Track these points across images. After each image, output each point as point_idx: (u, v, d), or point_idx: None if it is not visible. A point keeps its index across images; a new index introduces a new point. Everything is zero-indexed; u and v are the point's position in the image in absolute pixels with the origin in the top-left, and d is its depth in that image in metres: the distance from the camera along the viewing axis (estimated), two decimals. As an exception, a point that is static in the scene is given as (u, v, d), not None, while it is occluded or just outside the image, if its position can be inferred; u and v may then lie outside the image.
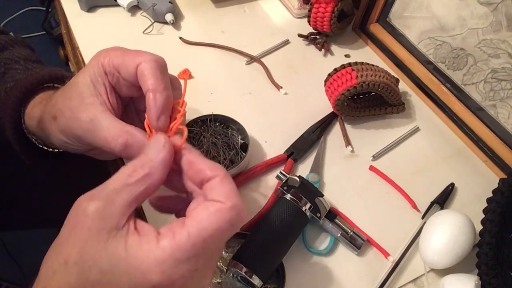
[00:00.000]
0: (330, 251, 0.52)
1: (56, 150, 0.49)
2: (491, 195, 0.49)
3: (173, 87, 0.40)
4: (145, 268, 0.30)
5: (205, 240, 0.30)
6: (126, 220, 0.31)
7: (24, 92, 0.45)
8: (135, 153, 0.37)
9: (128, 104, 0.45)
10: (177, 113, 0.39)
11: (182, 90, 0.41)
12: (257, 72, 0.69)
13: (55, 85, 0.48)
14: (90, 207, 0.31)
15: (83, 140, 0.40)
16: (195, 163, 0.34)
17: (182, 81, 0.43)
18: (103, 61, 0.39)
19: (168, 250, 0.30)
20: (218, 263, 0.48)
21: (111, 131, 0.38)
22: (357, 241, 0.51)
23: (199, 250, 0.30)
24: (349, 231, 0.51)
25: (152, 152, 0.34)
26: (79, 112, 0.39)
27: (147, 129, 0.38)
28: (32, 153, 0.49)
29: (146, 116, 0.38)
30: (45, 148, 0.48)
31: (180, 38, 0.72)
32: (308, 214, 0.50)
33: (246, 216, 0.33)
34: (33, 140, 0.47)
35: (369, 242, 0.53)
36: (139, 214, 0.52)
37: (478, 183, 0.60)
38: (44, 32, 1.76)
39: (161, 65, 0.39)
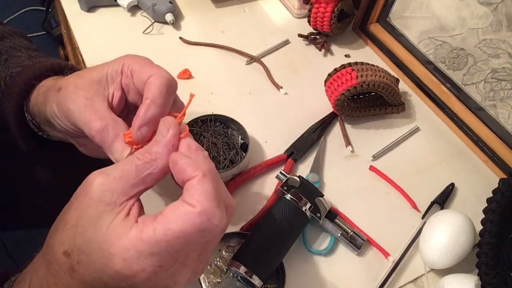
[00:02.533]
0: (330, 251, 0.52)
1: (52, 139, 0.50)
2: (491, 195, 0.49)
3: (176, 109, 0.41)
4: (112, 251, 0.31)
5: (169, 241, 0.30)
6: (126, 199, 0.33)
7: (33, 77, 0.46)
8: (107, 140, 0.38)
9: (132, 113, 0.45)
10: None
11: (186, 103, 0.41)
12: (257, 72, 0.69)
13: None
14: (98, 179, 0.33)
15: (70, 116, 0.41)
16: (178, 163, 0.34)
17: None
18: (125, 61, 0.41)
19: (133, 241, 0.31)
20: (218, 263, 0.48)
21: (98, 113, 0.39)
22: (357, 241, 0.51)
23: (163, 248, 0.31)
24: (349, 231, 0.51)
25: (158, 136, 0.35)
26: (81, 89, 0.41)
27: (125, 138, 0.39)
28: (30, 139, 0.49)
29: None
30: (43, 135, 0.49)
31: (180, 38, 0.72)
32: (308, 214, 0.50)
33: (221, 222, 0.32)
34: (33, 127, 0.48)
35: (369, 242, 0.53)
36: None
37: (478, 183, 0.60)
38: (44, 32, 1.76)
39: (170, 84, 0.39)
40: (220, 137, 0.57)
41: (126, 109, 0.44)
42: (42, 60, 0.49)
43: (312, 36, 0.74)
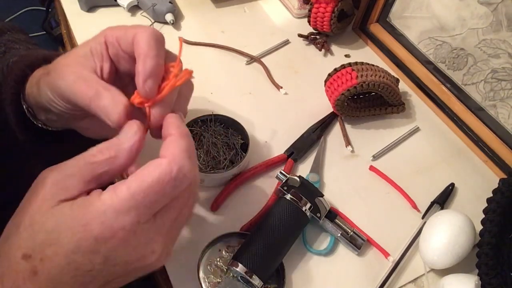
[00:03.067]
0: (330, 251, 0.52)
1: (50, 129, 0.50)
2: (491, 195, 0.49)
3: (170, 60, 0.41)
4: (85, 221, 0.31)
5: (144, 191, 0.31)
6: (79, 193, 0.32)
7: (28, 66, 0.46)
8: (100, 104, 0.37)
9: (128, 86, 0.45)
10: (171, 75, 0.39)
11: (178, 51, 0.41)
12: (257, 72, 0.69)
13: None
14: (49, 178, 0.33)
15: (63, 94, 0.40)
16: (168, 120, 0.36)
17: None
18: (106, 32, 0.41)
19: (108, 202, 0.31)
20: (218, 263, 0.48)
21: (89, 82, 0.39)
22: (357, 241, 0.51)
23: (139, 200, 0.31)
24: (349, 231, 0.51)
25: (123, 137, 0.35)
26: (69, 68, 0.40)
27: (135, 101, 0.38)
28: (27, 129, 0.49)
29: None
30: (38, 124, 0.49)
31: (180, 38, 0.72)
32: (308, 214, 0.50)
33: (191, 173, 0.33)
34: (28, 115, 0.48)
35: (369, 242, 0.53)
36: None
37: (478, 183, 0.60)
38: (44, 32, 1.76)
39: (156, 36, 0.39)
40: (220, 137, 0.57)
41: (119, 82, 0.43)
42: (37, 50, 0.49)
43: (312, 36, 0.74)
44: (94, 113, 0.39)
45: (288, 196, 0.50)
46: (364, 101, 0.64)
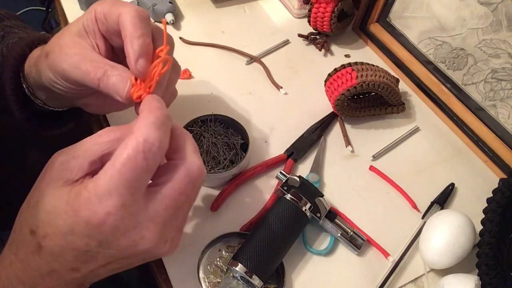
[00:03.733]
0: (330, 251, 0.52)
1: (51, 109, 0.51)
2: (491, 195, 0.49)
3: (157, 37, 0.42)
4: (76, 207, 0.32)
5: (118, 171, 0.32)
6: (83, 175, 0.34)
7: (26, 46, 0.47)
8: (110, 82, 0.39)
9: (123, 62, 0.46)
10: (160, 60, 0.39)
11: (164, 36, 0.41)
12: (257, 72, 0.69)
13: None
14: (58, 159, 0.34)
15: (67, 76, 0.41)
16: (143, 102, 0.37)
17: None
18: (96, 8, 0.41)
19: (91, 189, 0.32)
20: (218, 263, 0.48)
21: (94, 63, 0.40)
22: (357, 241, 0.51)
23: (117, 182, 0.32)
24: (349, 231, 0.51)
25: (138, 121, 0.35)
26: (67, 48, 0.41)
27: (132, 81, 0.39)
28: (26, 108, 0.50)
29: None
30: (39, 104, 0.50)
31: (180, 38, 0.72)
32: (308, 214, 0.50)
33: (160, 142, 0.33)
34: (26, 89, 0.49)
35: (369, 242, 0.53)
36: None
37: (478, 183, 0.60)
38: (44, 32, 1.76)
39: (140, 15, 0.40)
40: (220, 137, 0.57)
41: (116, 57, 0.44)
42: (35, 33, 0.50)
43: (312, 36, 0.74)
44: (103, 91, 0.40)
45: (288, 196, 0.50)
46: (364, 101, 0.64)
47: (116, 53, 0.45)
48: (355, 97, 0.64)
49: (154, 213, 0.34)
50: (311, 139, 0.61)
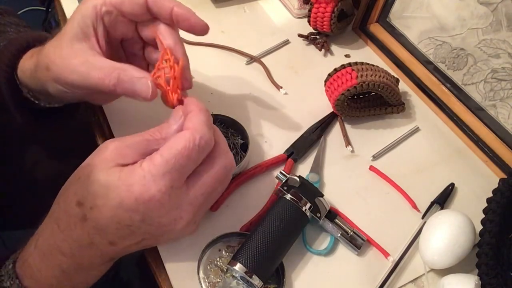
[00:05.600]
0: (330, 251, 0.52)
1: (48, 106, 0.52)
2: (491, 195, 0.49)
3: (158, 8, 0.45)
4: (129, 182, 0.36)
5: (175, 157, 0.36)
6: (132, 163, 0.38)
7: (19, 49, 0.48)
8: (128, 88, 0.42)
9: (118, 49, 0.47)
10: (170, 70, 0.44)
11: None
12: (257, 72, 0.69)
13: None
14: (112, 144, 0.38)
15: (78, 85, 0.43)
16: (188, 102, 0.41)
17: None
18: (96, 3, 0.42)
19: (146, 168, 0.36)
20: (218, 263, 0.48)
21: (104, 70, 0.42)
22: (357, 241, 0.51)
23: (172, 166, 0.36)
24: (349, 231, 0.51)
25: (172, 121, 0.40)
26: (70, 59, 0.42)
27: (162, 83, 0.43)
28: (25, 110, 0.51)
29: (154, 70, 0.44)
30: (37, 102, 0.51)
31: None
32: (308, 214, 0.50)
33: (211, 141, 0.39)
34: (26, 94, 0.49)
35: (369, 242, 0.53)
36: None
37: (478, 183, 0.60)
38: (40, 32, 1.76)
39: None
40: (220, 137, 0.57)
41: (111, 49, 0.47)
42: (27, 33, 0.51)
43: (312, 36, 0.74)
44: (120, 94, 0.44)
45: (288, 196, 0.50)
46: (364, 101, 0.64)
47: (110, 43, 0.46)
48: (355, 97, 0.64)
49: (194, 197, 0.39)
50: (311, 139, 0.61)
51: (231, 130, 0.58)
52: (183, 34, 0.73)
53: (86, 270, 0.40)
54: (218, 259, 0.49)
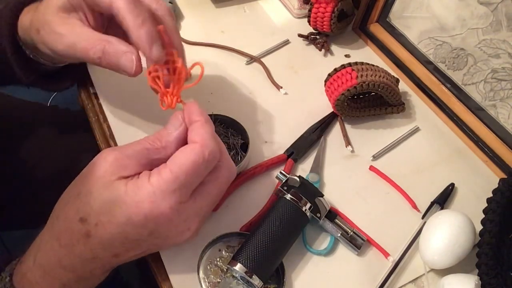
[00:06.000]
0: (330, 251, 0.52)
1: (47, 63, 0.52)
2: (491, 195, 0.49)
3: (165, 15, 0.43)
4: (138, 199, 0.35)
5: (185, 173, 0.36)
6: (135, 174, 0.37)
7: (17, 7, 0.48)
8: (113, 61, 0.41)
9: (112, 20, 0.46)
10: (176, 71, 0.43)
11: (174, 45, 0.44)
12: (257, 72, 0.69)
13: None
14: (111, 155, 0.37)
15: (64, 54, 0.43)
16: (190, 109, 0.40)
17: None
18: None
19: (155, 184, 0.35)
20: (218, 263, 0.48)
21: (89, 41, 0.41)
22: (357, 241, 0.51)
23: (182, 182, 0.36)
24: (349, 231, 0.51)
25: (170, 128, 0.39)
26: (57, 26, 0.42)
27: (160, 84, 0.42)
28: (28, 69, 0.52)
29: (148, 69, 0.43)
30: (41, 62, 0.51)
31: (180, 38, 0.72)
32: (308, 214, 0.50)
33: (218, 155, 0.39)
34: (29, 54, 0.50)
35: (369, 242, 0.53)
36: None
37: (478, 183, 0.60)
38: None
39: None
40: (220, 137, 0.57)
41: (104, 21, 0.46)
42: None
43: (312, 36, 0.74)
44: (105, 67, 0.42)
45: (288, 196, 0.50)
46: (364, 101, 0.64)
47: (105, 19, 0.45)
48: (355, 97, 0.64)
49: (199, 208, 0.39)
50: (311, 139, 0.61)
51: (231, 130, 0.58)
52: (183, 34, 0.73)
53: (86, 280, 0.40)
54: (218, 259, 0.49)
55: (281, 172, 0.54)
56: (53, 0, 0.43)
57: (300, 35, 0.75)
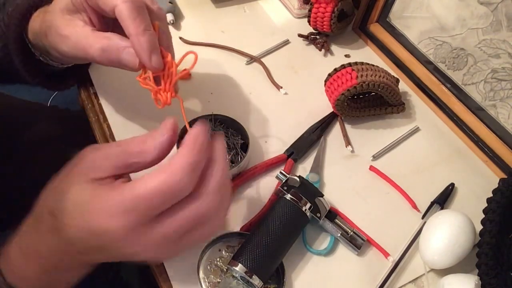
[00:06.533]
0: (330, 251, 0.52)
1: (56, 65, 0.53)
2: (491, 195, 0.49)
3: (157, 18, 0.43)
4: (97, 210, 0.35)
5: (146, 196, 0.34)
6: (108, 176, 0.36)
7: (26, 10, 0.48)
8: (114, 58, 0.41)
9: (113, 26, 0.47)
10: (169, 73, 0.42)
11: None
12: (257, 72, 0.69)
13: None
14: (89, 154, 0.36)
15: (71, 56, 0.44)
16: (192, 131, 0.37)
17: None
18: None
19: (116, 199, 0.34)
20: (218, 263, 0.48)
21: (89, 39, 0.41)
22: (357, 241, 0.51)
23: (141, 203, 0.34)
24: (349, 231, 0.51)
25: (157, 135, 0.37)
26: (62, 29, 0.43)
27: (151, 83, 0.42)
28: (35, 72, 0.52)
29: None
30: (50, 64, 0.51)
31: (180, 38, 0.72)
32: (308, 214, 0.50)
33: (188, 187, 0.35)
34: (39, 56, 0.50)
35: (369, 242, 0.53)
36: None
37: (478, 183, 0.60)
38: None
39: (137, 6, 0.40)
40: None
41: (107, 22, 0.45)
42: None
43: (312, 36, 0.74)
44: (108, 65, 0.43)
45: (288, 196, 0.50)
46: (364, 101, 0.64)
47: (107, 21, 0.45)
48: (355, 97, 0.64)
49: (161, 235, 0.36)
50: (311, 139, 0.61)
51: (231, 130, 0.58)
52: (183, 34, 0.73)
53: (65, 271, 0.40)
54: (218, 259, 0.49)
55: (281, 172, 0.54)
56: (57, 3, 0.43)
57: (300, 35, 0.75)
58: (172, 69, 0.42)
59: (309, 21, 0.72)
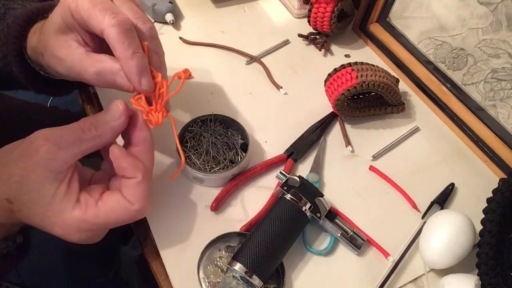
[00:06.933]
0: (330, 251, 0.52)
1: (57, 77, 0.52)
2: (491, 195, 0.49)
3: (147, 37, 0.42)
4: (55, 221, 0.37)
5: (106, 224, 0.39)
6: (67, 167, 0.38)
7: (25, 21, 0.47)
8: (109, 79, 0.41)
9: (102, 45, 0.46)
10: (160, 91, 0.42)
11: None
12: (257, 72, 0.69)
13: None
14: (44, 147, 0.36)
15: (66, 76, 0.44)
16: (120, 160, 0.39)
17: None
18: (70, 5, 0.40)
19: (76, 219, 0.37)
20: (218, 263, 0.48)
21: (84, 63, 0.41)
22: (357, 241, 0.51)
23: (100, 227, 0.39)
24: (349, 231, 0.51)
25: (109, 117, 0.39)
26: (56, 51, 0.43)
27: (143, 104, 0.42)
28: (35, 81, 0.52)
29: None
30: (46, 74, 0.51)
31: (180, 38, 0.72)
32: (308, 214, 0.50)
33: (146, 213, 0.40)
34: (36, 68, 0.50)
35: (369, 242, 0.53)
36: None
37: (478, 183, 0.60)
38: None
39: (124, 29, 0.39)
40: (220, 137, 0.57)
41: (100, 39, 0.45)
42: (31, 5, 0.50)
43: (312, 36, 0.74)
44: (103, 86, 0.43)
45: (288, 196, 0.50)
46: (364, 101, 0.64)
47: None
48: (355, 97, 0.64)
49: (105, 231, 0.42)
50: (311, 139, 0.61)
51: (231, 130, 0.58)
52: (183, 34, 0.73)
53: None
54: (218, 259, 0.49)
55: (281, 172, 0.54)
56: (51, 22, 0.43)
57: (300, 35, 0.75)
58: (162, 90, 0.42)
59: (309, 21, 0.72)
